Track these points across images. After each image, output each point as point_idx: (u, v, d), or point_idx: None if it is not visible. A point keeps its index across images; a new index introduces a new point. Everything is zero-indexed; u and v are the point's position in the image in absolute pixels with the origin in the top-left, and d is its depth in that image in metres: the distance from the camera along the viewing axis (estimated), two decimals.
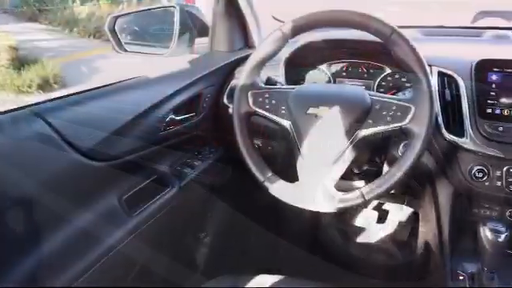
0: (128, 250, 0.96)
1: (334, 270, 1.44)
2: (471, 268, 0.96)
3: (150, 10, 1.34)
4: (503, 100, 0.93)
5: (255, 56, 0.92)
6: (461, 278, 0.96)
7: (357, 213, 1.68)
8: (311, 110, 0.85)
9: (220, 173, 1.26)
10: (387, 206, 1.73)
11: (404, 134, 0.81)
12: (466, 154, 0.95)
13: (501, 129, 0.92)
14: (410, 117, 0.79)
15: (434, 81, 1.01)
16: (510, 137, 0.91)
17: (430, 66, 1.04)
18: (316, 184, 0.84)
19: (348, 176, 1.09)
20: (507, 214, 1.11)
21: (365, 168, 1.13)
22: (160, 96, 1.04)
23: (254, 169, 0.90)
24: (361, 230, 1.69)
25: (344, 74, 1.19)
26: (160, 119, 1.04)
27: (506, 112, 0.93)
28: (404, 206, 1.57)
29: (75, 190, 0.88)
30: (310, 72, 1.22)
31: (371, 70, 1.17)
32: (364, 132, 0.82)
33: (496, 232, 0.85)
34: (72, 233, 0.85)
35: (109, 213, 0.95)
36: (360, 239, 1.69)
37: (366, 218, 1.67)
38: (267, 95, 0.92)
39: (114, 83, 1.03)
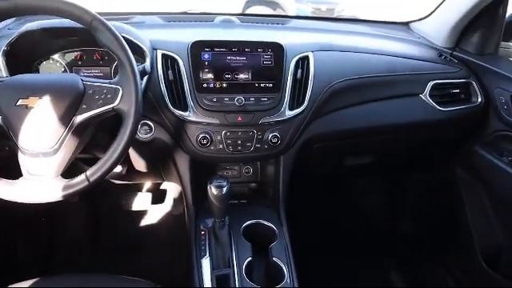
0: None
1: (114, 256, 1.44)
2: (210, 223, 1.11)
3: None
4: (214, 75, 1.10)
5: None
6: (202, 232, 1.10)
7: (131, 198, 1.72)
8: (21, 102, 0.82)
9: None
10: (164, 185, 1.83)
11: (118, 114, 0.86)
12: (191, 125, 1.09)
13: (215, 100, 1.08)
14: (119, 98, 0.84)
15: (159, 63, 1.10)
16: (222, 106, 1.08)
17: (155, 49, 1.13)
18: (38, 176, 0.83)
19: (93, 162, 1.10)
20: (244, 170, 1.32)
21: None
22: None
23: None
24: (139, 213, 1.74)
25: (79, 62, 1.17)
26: None
27: (217, 85, 1.09)
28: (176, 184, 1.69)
29: None
30: (44, 63, 1.16)
31: (106, 57, 1.18)
32: (80, 117, 0.84)
33: (219, 187, 0.99)
34: None
35: None
36: (140, 222, 1.74)
37: (141, 202, 1.73)
38: None
39: None
